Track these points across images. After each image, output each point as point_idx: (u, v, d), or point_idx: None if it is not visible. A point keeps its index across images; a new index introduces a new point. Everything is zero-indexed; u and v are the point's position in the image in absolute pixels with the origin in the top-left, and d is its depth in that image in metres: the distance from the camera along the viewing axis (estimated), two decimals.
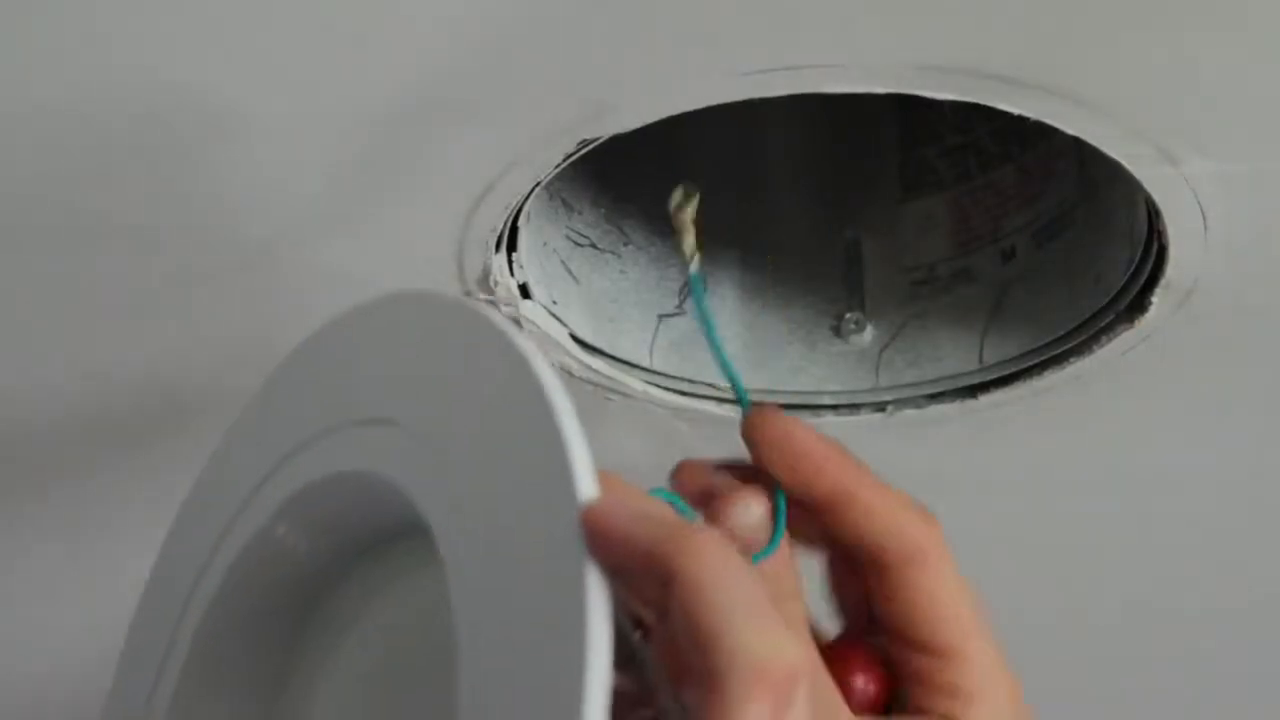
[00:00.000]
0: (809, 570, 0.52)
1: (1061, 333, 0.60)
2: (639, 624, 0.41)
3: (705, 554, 0.39)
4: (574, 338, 0.61)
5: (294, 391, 0.48)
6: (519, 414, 0.41)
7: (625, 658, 0.40)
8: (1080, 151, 0.58)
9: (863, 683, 0.52)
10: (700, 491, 0.53)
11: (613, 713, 0.38)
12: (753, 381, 0.63)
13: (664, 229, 0.60)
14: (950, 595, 0.52)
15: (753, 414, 0.52)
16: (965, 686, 0.51)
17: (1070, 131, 0.51)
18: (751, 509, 0.51)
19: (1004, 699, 0.52)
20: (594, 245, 0.62)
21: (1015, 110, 0.50)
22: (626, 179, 0.60)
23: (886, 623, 0.52)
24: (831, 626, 0.52)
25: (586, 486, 0.40)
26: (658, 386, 0.63)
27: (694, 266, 0.48)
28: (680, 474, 0.52)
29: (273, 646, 0.48)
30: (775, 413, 0.52)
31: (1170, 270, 0.56)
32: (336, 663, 0.48)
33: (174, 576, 0.49)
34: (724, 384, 0.63)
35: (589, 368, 0.62)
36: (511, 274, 0.58)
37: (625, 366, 0.62)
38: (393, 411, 0.45)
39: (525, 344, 0.42)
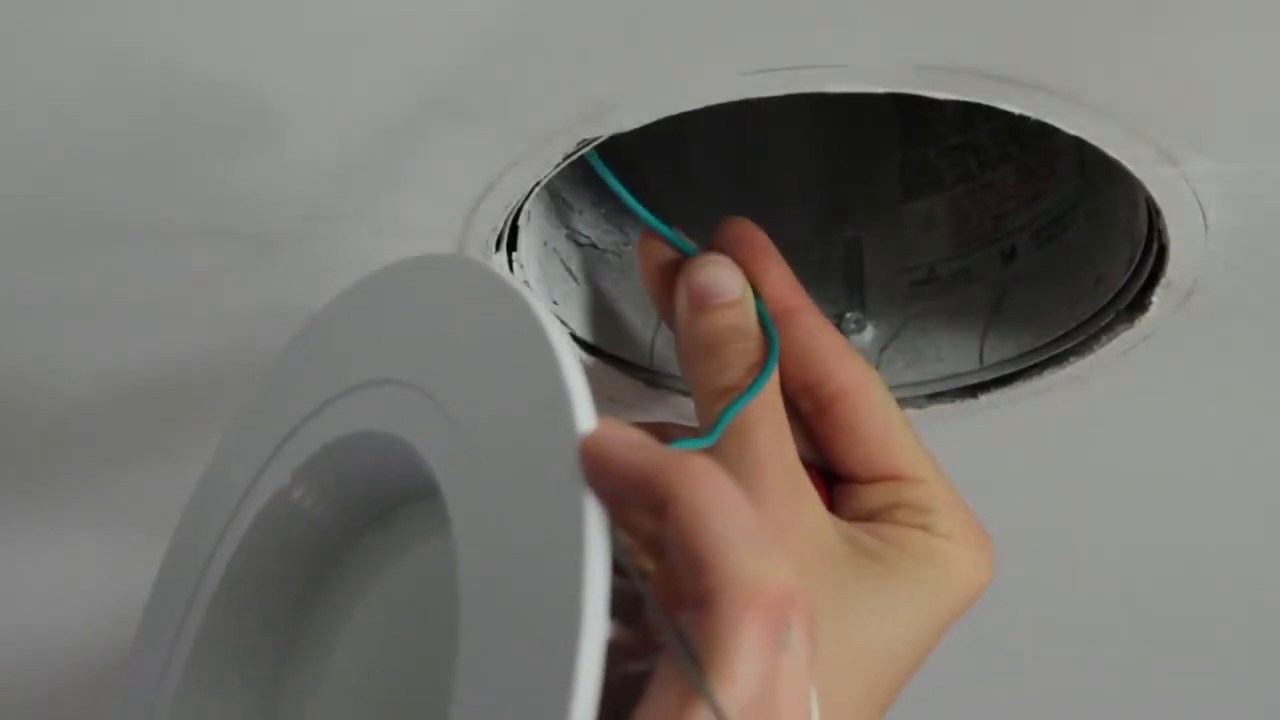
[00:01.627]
0: None
1: (1061, 333, 0.60)
2: (640, 572, 0.41)
3: (700, 478, 0.40)
4: (574, 338, 0.61)
5: (308, 358, 0.49)
6: (518, 359, 0.42)
7: (624, 611, 0.40)
8: (1080, 151, 0.58)
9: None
10: (661, 266, 0.55)
11: (608, 665, 0.38)
12: None
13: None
14: (901, 424, 0.53)
15: (729, 219, 0.55)
16: (929, 504, 0.52)
17: (1070, 131, 0.51)
18: (720, 262, 0.54)
19: (967, 520, 0.52)
20: (594, 245, 0.62)
21: (1015, 110, 0.50)
22: (627, 179, 0.60)
23: (837, 464, 0.53)
24: None
25: (584, 418, 0.40)
26: (658, 387, 0.63)
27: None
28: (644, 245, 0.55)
29: (286, 611, 0.49)
30: (746, 221, 0.55)
31: (1170, 270, 0.56)
32: (347, 630, 0.49)
33: (193, 541, 0.50)
34: None
35: (589, 368, 0.62)
36: (511, 274, 0.58)
37: (625, 366, 0.62)
38: (402, 371, 0.45)
39: (521, 291, 0.43)
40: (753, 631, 0.38)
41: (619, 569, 0.40)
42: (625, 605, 0.40)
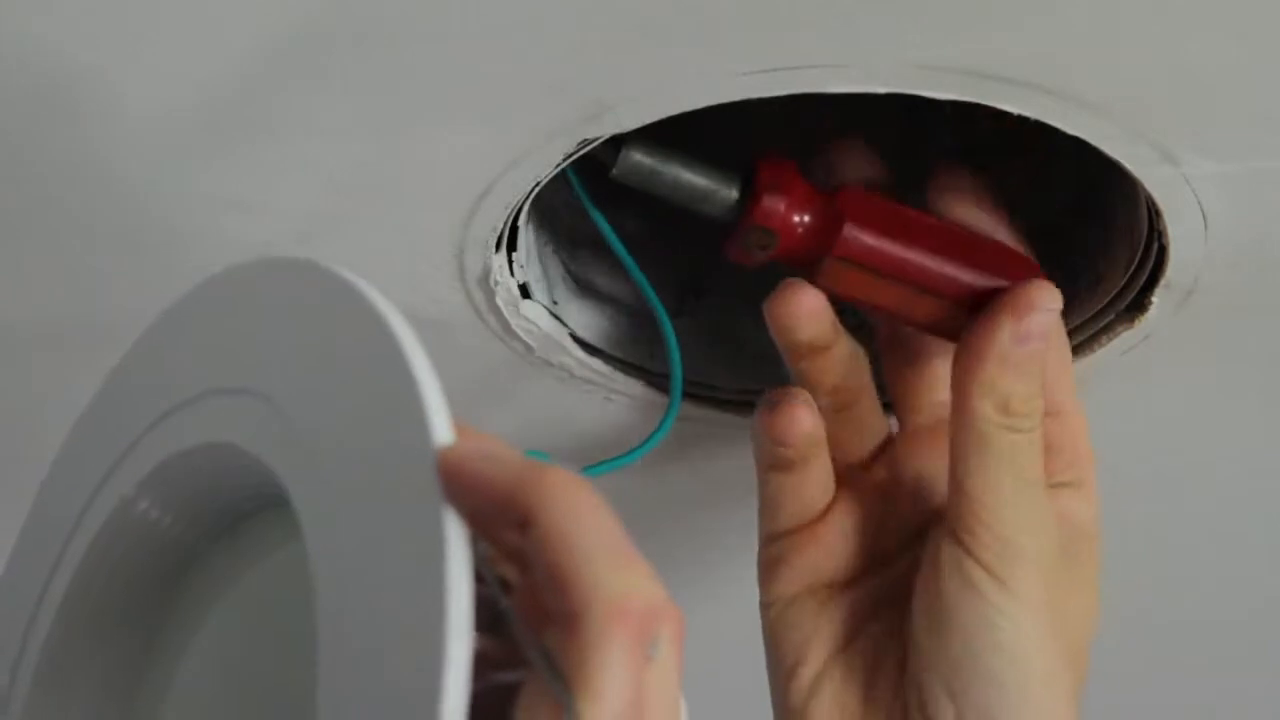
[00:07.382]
0: None
1: None
2: (503, 584, 0.40)
3: (563, 492, 0.39)
4: (574, 338, 0.61)
5: (154, 362, 0.47)
6: (372, 369, 0.41)
7: (489, 620, 0.39)
8: (1080, 152, 0.58)
9: None
10: None
11: (476, 676, 0.37)
12: (754, 381, 0.63)
13: (664, 229, 0.60)
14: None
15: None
16: (1082, 451, 0.58)
17: (1070, 131, 0.51)
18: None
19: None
20: (594, 245, 0.62)
21: (1015, 110, 0.50)
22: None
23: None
24: None
25: (442, 431, 0.39)
26: (658, 388, 0.63)
27: None
28: None
29: (136, 623, 0.48)
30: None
31: (1170, 270, 0.56)
32: (199, 641, 0.48)
33: (37, 550, 0.48)
34: (723, 385, 0.63)
35: (589, 368, 0.62)
36: (511, 274, 0.58)
37: (625, 366, 0.62)
38: (249, 379, 0.44)
39: (378, 298, 0.41)
40: (618, 647, 0.38)
41: (482, 579, 0.39)
42: (491, 615, 0.39)
